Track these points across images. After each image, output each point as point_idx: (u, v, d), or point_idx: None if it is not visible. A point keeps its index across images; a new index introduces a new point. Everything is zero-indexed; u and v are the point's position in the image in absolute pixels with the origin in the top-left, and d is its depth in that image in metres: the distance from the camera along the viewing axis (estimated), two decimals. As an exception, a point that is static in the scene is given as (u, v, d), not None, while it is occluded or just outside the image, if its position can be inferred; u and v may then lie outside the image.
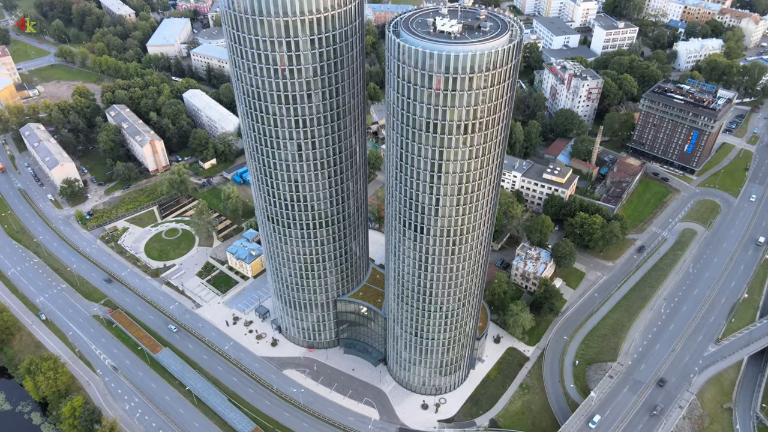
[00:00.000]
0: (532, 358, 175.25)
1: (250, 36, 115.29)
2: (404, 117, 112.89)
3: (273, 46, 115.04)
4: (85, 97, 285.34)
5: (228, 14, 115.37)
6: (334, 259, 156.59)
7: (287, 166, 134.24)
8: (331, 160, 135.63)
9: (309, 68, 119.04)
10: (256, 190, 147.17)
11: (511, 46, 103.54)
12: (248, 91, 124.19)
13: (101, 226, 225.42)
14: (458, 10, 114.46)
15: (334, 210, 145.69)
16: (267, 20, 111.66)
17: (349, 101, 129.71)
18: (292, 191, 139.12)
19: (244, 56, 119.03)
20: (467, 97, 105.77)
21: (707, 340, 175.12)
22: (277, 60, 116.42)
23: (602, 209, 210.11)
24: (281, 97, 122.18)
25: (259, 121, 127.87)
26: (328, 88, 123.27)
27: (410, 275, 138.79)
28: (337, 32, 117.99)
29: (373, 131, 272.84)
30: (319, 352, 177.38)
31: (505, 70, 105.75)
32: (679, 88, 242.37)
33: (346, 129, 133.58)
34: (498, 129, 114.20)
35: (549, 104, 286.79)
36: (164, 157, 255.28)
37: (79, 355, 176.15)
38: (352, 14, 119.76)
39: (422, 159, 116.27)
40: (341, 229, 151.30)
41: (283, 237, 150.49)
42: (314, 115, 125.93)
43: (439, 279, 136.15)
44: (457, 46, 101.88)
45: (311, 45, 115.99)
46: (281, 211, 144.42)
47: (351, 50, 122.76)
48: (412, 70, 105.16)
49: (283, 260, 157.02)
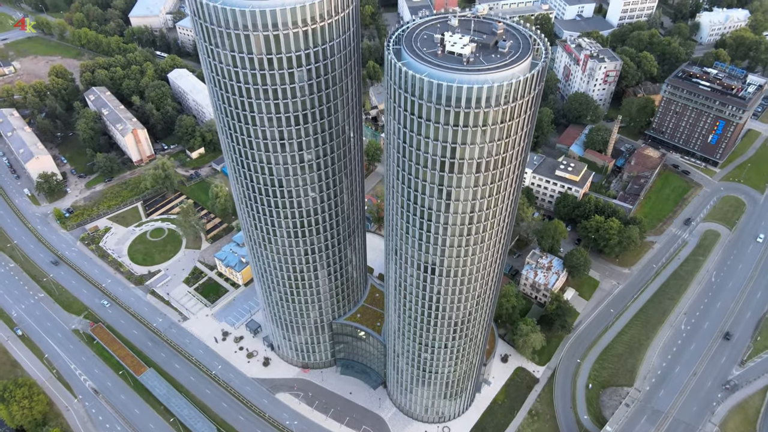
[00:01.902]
0: (542, 380, 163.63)
1: (225, 51, 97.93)
2: (406, 151, 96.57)
3: (253, 66, 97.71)
4: (63, 77, 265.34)
5: (198, 24, 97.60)
6: (327, 267, 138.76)
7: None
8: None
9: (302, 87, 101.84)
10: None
11: (534, 73, 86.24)
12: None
13: (81, 226, 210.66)
14: (471, 20, 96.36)
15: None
16: (244, 35, 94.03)
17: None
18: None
19: (218, 70, 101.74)
20: (480, 133, 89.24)
21: (731, 362, 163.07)
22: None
23: (619, 211, 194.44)
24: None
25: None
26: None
27: (415, 319, 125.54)
28: (334, 42, 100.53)
29: (372, 117, 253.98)
30: (314, 373, 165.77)
31: (526, 101, 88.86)
32: (706, 73, 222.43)
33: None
34: (515, 164, 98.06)
35: (562, 86, 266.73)
36: (148, 146, 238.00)
37: (57, 376, 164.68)
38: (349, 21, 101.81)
39: (426, 197, 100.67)
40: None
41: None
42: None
43: (445, 318, 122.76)
44: (470, 74, 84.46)
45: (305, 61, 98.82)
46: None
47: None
48: (416, 101, 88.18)
49: (269, 269, 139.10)
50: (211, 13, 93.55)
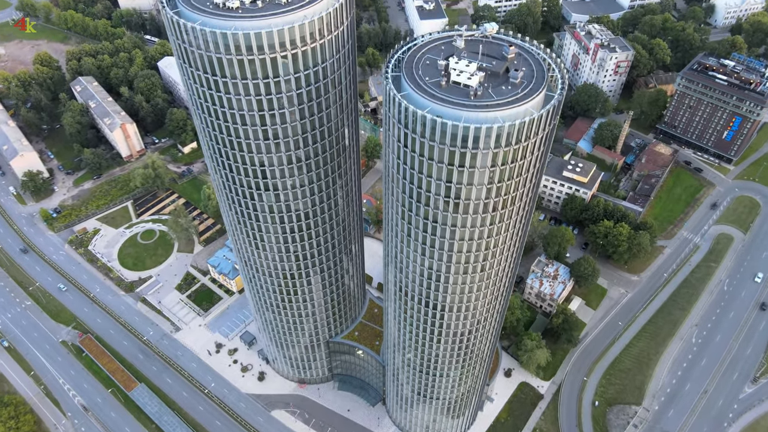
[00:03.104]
0: (547, 396, 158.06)
1: (206, 75, 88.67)
2: (406, 188, 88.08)
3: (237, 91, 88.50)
4: (48, 65, 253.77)
5: (177, 45, 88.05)
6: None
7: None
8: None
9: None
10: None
11: (550, 109, 77.08)
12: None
13: (69, 227, 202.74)
14: (480, 40, 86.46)
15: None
16: (226, 58, 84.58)
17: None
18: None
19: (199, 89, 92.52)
20: (489, 174, 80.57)
21: (743, 379, 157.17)
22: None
23: (629, 215, 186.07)
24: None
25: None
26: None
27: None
28: (327, 64, 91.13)
29: (371, 109, 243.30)
30: (311, 388, 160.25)
31: (540, 138, 79.95)
32: (723, 66, 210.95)
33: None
34: (525, 202, 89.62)
35: (570, 75, 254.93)
36: (138, 141, 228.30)
37: (45, 392, 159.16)
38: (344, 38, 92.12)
39: (428, 235, 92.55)
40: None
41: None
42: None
43: (446, 351, 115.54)
44: (478, 112, 75.09)
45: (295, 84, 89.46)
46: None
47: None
48: (417, 138, 79.24)
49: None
50: (188, 34, 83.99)
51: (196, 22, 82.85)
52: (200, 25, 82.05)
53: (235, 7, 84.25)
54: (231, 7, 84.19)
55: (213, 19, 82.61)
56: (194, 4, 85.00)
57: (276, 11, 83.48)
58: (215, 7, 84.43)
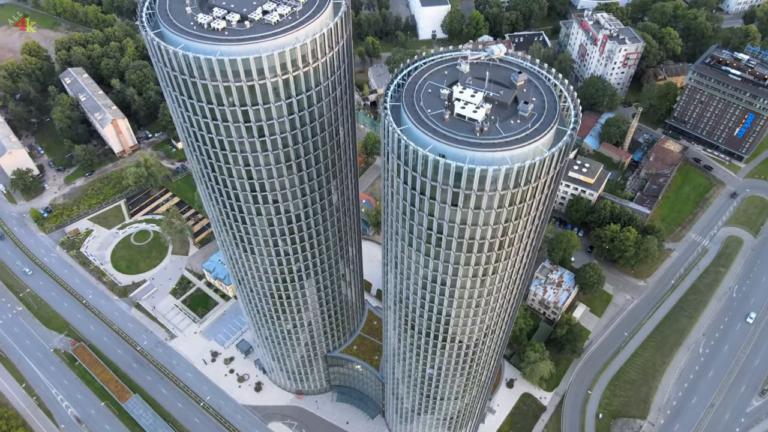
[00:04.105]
0: (550, 408, 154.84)
1: (191, 101, 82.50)
2: (406, 223, 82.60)
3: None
4: (37, 55, 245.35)
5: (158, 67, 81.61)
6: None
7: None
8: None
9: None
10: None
11: (562, 147, 71.08)
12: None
13: (61, 227, 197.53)
14: (486, 63, 79.88)
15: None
16: (212, 85, 78.28)
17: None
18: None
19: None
20: (495, 215, 75.00)
21: (751, 391, 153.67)
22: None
23: (636, 218, 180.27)
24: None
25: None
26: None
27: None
28: (321, 87, 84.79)
29: (371, 101, 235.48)
30: (308, 399, 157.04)
31: (551, 177, 74.12)
32: (736, 60, 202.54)
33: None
34: (530, 241, 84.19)
35: (577, 66, 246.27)
36: (131, 136, 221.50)
37: (38, 403, 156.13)
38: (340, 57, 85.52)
39: (429, 271, 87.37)
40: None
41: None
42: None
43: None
44: (484, 151, 68.85)
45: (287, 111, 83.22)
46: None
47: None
48: (418, 177, 73.41)
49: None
50: (171, 59, 77.45)
51: (179, 45, 76.34)
52: (183, 50, 75.49)
53: (221, 28, 77.50)
54: (217, 29, 77.43)
55: (197, 43, 75.96)
56: (177, 25, 78.05)
57: (265, 33, 76.74)
58: (200, 28, 77.63)
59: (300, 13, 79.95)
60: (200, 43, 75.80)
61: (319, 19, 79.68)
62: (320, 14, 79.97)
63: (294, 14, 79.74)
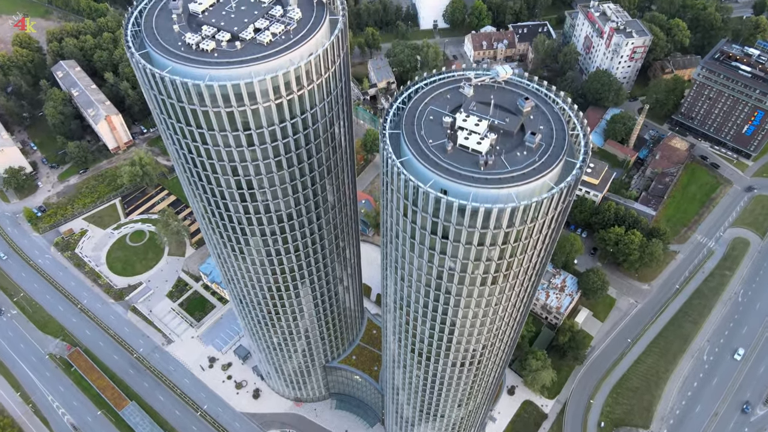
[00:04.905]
0: (551, 416, 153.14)
1: (179, 125, 78.54)
2: (406, 254, 79.14)
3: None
4: (28, 47, 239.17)
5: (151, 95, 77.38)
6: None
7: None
8: (291, 141, 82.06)
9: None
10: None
11: (572, 182, 67.21)
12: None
13: (55, 227, 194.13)
14: (492, 86, 75.47)
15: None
16: (201, 110, 74.22)
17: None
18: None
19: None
20: (499, 251, 71.52)
21: (755, 400, 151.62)
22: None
23: (641, 221, 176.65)
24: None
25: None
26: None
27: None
28: (317, 109, 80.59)
29: (371, 96, 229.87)
30: (307, 407, 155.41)
31: (558, 213, 70.44)
32: (747, 56, 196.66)
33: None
34: (534, 272, 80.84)
35: (582, 59, 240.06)
36: (125, 132, 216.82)
37: (34, 410, 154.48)
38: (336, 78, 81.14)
39: (431, 301, 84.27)
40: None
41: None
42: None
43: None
44: (489, 188, 64.90)
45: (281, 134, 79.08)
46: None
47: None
48: (419, 213, 69.75)
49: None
50: (158, 82, 73.23)
51: (166, 68, 72.13)
52: (170, 74, 71.28)
53: (210, 49, 73.01)
54: (206, 50, 72.94)
55: (184, 66, 71.57)
56: (164, 46, 73.51)
57: (257, 56, 72.22)
58: (188, 49, 73.16)
59: (294, 31, 75.40)
60: (188, 67, 71.46)
61: (314, 39, 75.23)
62: (315, 33, 75.50)
63: (288, 33, 75.24)
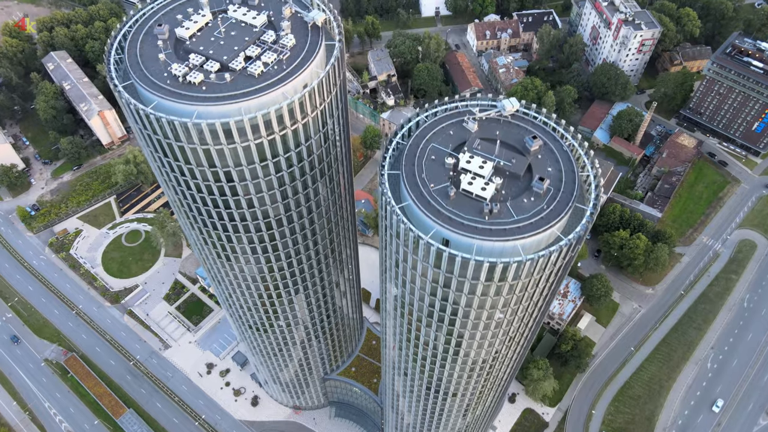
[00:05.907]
0: (552, 424, 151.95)
1: (168, 160, 74.45)
2: (405, 295, 75.89)
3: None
4: (18, 37, 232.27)
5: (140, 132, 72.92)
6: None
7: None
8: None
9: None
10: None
11: (580, 233, 63.43)
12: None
13: (49, 227, 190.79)
14: (497, 121, 71.09)
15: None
16: (190, 148, 70.09)
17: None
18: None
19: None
20: (503, 301, 68.19)
21: (758, 410, 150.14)
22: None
23: (646, 224, 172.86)
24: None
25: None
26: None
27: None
28: (312, 141, 76.38)
29: (371, 89, 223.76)
30: (305, 415, 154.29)
31: (565, 263, 66.88)
32: (759, 51, 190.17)
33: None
34: (537, 313, 77.62)
35: (588, 51, 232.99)
36: (119, 127, 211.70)
37: (31, 418, 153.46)
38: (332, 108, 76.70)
39: (431, 340, 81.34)
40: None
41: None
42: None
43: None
44: (493, 240, 61.24)
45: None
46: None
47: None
48: (420, 262, 66.21)
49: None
50: (143, 119, 68.94)
51: (151, 103, 67.85)
52: (155, 110, 67.04)
53: (197, 82, 68.38)
54: (193, 83, 68.38)
55: (171, 101, 67.20)
56: (149, 78, 68.93)
57: (248, 90, 67.70)
58: (174, 81, 68.57)
59: (288, 60, 70.65)
60: (174, 102, 67.07)
61: (309, 69, 70.55)
62: (310, 62, 70.74)
63: (281, 63, 70.52)
